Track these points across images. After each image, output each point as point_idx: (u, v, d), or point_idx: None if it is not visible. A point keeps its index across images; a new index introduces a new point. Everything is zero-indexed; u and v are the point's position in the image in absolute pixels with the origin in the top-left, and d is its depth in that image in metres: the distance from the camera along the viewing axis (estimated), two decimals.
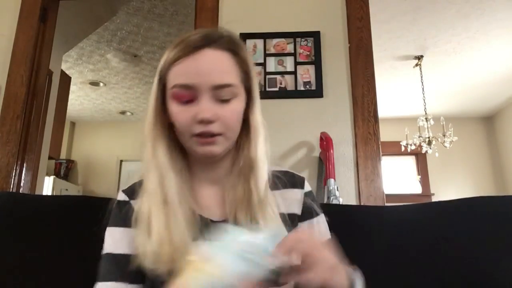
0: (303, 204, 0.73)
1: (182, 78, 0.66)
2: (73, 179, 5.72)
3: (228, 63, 0.67)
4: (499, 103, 5.16)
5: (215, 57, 0.66)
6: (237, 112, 0.68)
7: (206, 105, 0.65)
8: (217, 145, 0.67)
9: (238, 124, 0.69)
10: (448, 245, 0.86)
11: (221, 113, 0.65)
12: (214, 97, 0.66)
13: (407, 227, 0.91)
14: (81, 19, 3.06)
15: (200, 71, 0.65)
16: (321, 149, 1.70)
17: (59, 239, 0.98)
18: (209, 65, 0.66)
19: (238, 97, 0.68)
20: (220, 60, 0.67)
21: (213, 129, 0.65)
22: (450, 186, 5.29)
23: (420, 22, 3.39)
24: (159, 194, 0.67)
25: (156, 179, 0.68)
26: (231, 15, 1.96)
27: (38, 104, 2.05)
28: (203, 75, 0.65)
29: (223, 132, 0.66)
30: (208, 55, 0.66)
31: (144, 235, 0.65)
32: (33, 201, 1.10)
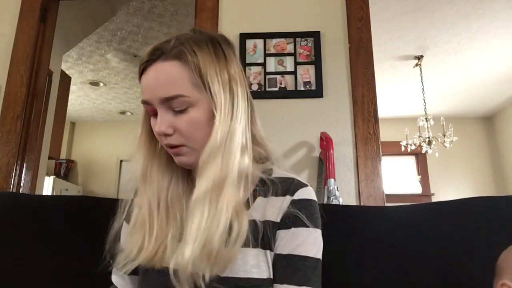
0: (285, 211, 0.67)
1: (142, 94, 0.68)
2: (73, 179, 5.73)
3: (176, 73, 0.65)
4: (499, 103, 5.16)
5: (162, 69, 0.65)
6: (195, 121, 0.65)
7: (160, 119, 0.66)
8: (185, 156, 0.68)
9: (201, 133, 0.66)
10: (448, 245, 0.86)
11: (177, 124, 0.66)
12: (169, 109, 0.66)
13: (407, 227, 0.91)
14: (81, 19, 3.06)
15: (148, 87, 0.66)
16: (321, 149, 1.70)
17: (59, 239, 0.98)
18: (155, 79, 0.66)
19: (195, 105, 0.65)
20: (166, 72, 0.65)
21: (172, 141, 0.66)
22: (450, 186, 5.29)
23: (420, 22, 3.39)
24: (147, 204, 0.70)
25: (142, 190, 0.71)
26: (231, 15, 1.96)
27: (38, 104, 2.05)
28: (150, 90, 0.66)
29: (183, 143, 0.66)
30: (154, 70, 0.66)
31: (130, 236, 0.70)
32: (33, 201, 1.10)
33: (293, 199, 0.68)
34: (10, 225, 0.99)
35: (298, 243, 0.66)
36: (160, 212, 0.69)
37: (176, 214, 0.69)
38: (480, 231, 0.86)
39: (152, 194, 0.69)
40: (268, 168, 0.74)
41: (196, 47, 0.66)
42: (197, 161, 0.66)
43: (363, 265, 0.88)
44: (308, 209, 0.68)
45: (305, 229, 0.67)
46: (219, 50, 0.69)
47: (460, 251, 0.84)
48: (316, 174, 1.74)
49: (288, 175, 0.72)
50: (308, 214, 0.67)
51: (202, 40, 0.68)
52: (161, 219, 0.68)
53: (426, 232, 0.89)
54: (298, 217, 0.66)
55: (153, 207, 0.69)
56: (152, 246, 0.66)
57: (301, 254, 0.65)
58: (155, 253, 0.66)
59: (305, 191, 0.69)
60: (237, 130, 0.66)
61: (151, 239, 0.67)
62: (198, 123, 0.66)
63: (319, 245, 0.68)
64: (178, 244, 0.65)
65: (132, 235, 0.69)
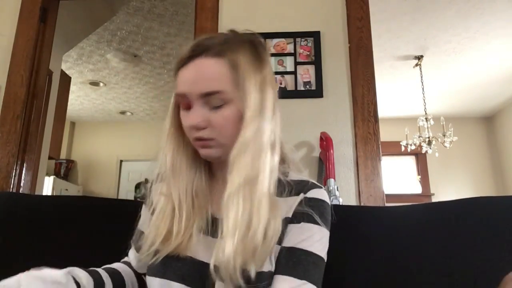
0: (297, 207, 0.69)
1: (179, 87, 0.70)
2: (73, 179, 5.73)
3: (218, 70, 0.68)
4: (499, 103, 5.16)
5: (206, 65, 0.68)
6: (228, 118, 0.68)
7: (196, 112, 0.68)
8: (212, 149, 0.70)
9: (231, 130, 0.68)
10: (448, 245, 0.86)
11: (212, 119, 0.68)
12: (206, 104, 0.68)
13: (407, 227, 0.91)
14: (81, 19, 3.06)
15: (189, 80, 0.68)
16: (321, 149, 1.70)
17: (59, 239, 0.98)
18: (196, 74, 0.68)
19: (231, 103, 0.68)
20: (210, 68, 0.68)
21: (203, 134, 0.69)
22: (450, 186, 5.29)
23: (420, 22, 3.39)
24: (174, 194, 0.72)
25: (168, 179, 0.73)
26: (231, 15, 1.96)
27: (38, 104, 2.05)
28: (191, 84, 0.68)
29: (214, 138, 0.69)
30: (196, 64, 0.68)
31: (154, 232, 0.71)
32: (33, 201, 1.11)
33: (305, 197, 0.70)
34: (10, 225, 0.99)
35: (304, 237, 0.67)
36: (187, 203, 0.72)
37: (201, 205, 0.73)
38: (480, 231, 0.86)
39: (181, 185, 0.72)
40: (286, 171, 0.76)
41: (238, 47, 0.70)
42: (222, 156, 0.70)
43: (363, 265, 0.88)
44: (319, 208, 0.70)
45: (314, 226, 0.68)
46: (257, 52, 0.72)
47: (460, 251, 0.84)
48: (316, 174, 1.74)
49: (304, 178, 0.74)
50: (319, 213, 0.69)
51: (243, 42, 0.72)
52: (188, 209, 0.71)
53: (426, 232, 0.89)
54: (308, 213, 0.68)
55: (182, 197, 0.72)
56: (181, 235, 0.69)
57: (305, 248, 0.66)
58: (181, 242, 0.69)
59: (319, 191, 0.72)
60: (266, 128, 0.69)
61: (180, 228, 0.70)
62: (230, 120, 0.68)
63: (325, 244, 0.69)
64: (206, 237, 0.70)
65: (159, 223, 0.71)
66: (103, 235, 0.86)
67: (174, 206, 0.71)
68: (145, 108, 5.52)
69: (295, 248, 0.66)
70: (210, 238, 0.70)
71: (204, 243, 0.70)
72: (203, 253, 0.69)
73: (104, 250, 0.81)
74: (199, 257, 0.69)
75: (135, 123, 6.05)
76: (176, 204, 0.71)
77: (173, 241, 0.69)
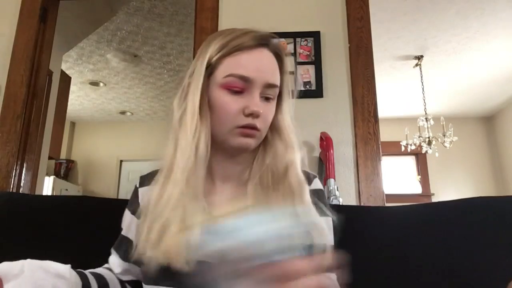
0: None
1: (241, 69, 0.68)
2: (73, 179, 5.73)
3: (276, 66, 0.73)
4: (499, 103, 5.16)
5: (270, 57, 0.72)
6: (272, 112, 0.73)
7: (257, 100, 0.69)
8: (254, 139, 0.70)
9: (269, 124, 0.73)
10: (448, 245, 0.86)
11: (264, 110, 0.70)
12: (261, 94, 0.70)
13: (407, 227, 0.91)
14: (81, 19, 3.06)
15: (259, 67, 0.69)
16: (321, 149, 1.70)
17: (59, 239, 0.98)
18: (266, 64, 0.71)
19: (275, 99, 0.73)
20: (273, 61, 0.72)
21: (257, 123, 0.69)
22: (450, 186, 5.29)
23: (420, 22, 3.39)
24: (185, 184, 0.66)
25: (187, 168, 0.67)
26: (231, 15, 1.96)
27: (38, 104, 2.05)
28: (260, 72, 0.69)
29: (262, 129, 0.70)
30: (265, 54, 0.71)
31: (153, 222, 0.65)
32: (33, 201, 1.11)
33: (311, 189, 0.75)
34: (10, 225, 0.99)
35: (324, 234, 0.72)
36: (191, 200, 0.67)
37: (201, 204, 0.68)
38: (480, 231, 0.86)
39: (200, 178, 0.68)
40: None
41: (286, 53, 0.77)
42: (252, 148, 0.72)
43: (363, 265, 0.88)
44: (324, 199, 0.77)
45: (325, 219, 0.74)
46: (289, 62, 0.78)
47: (460, 251, 0.84)
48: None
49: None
50: (326, 204, 0.75)
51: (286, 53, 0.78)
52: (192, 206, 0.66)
53: (426, 232, 0.89)
54: (319, 206, 0.72)
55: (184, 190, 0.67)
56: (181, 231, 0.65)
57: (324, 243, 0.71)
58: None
59: (317, 181, 0.79)
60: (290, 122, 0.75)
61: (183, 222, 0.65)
62: (272, 115, 0.73)
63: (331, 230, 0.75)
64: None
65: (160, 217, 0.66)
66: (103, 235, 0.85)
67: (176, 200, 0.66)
68: (145, 108, 5.52)
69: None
70: None
71: None
72: None
73: (104, 250, 0.81)
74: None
75: (135, 123, 6.05)
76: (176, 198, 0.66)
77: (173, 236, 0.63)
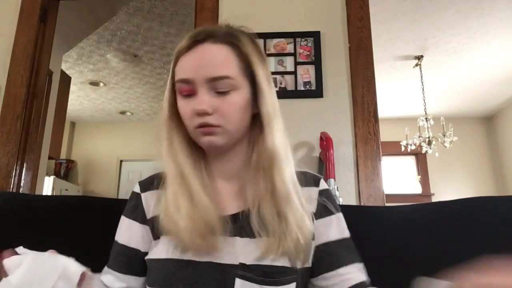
0: (318, 202, 0.74)
1: (181, 73, 0.68)
2: (73, 179, 5.73)
3: (225, 55, 0.68)
4: (499, 103, 5.16)
5: (211, 50, 0.68)
6: (237, 104, 0.68)
7: (203, 98, 0.66)
8: (217, 136, 0.68)
9: (239, 117, 0.68)
10: (448, 246, 0.86)
11: (219, 105, 0.67)
12: (212, 90, 0.67)
13: (407, 227, 0.91)
14: (81, 19, 3.06)
15: (196, 65, 0.67)
16: (321, 149, 1.70)
17: (59, 239, 0.98)
18: (205, 59, 0.67)
19: (238, 89, 0.68)
20: (216, 53, 0.68)
21: (211, 120, 0.66)
22: (450, 186, 5.29)
23: (420, 22, 3.39)
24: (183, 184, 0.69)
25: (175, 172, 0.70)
26: (231, 15, 1.94)
27: (38, 104, 2.05)
28: (198, 69, 0.67)
29: (221, 124, 0.67)
30: (204, 49, 0.68)
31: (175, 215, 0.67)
32: (33, 201, 1.10)
33: (319, 190, 0.76)
34: (10, 225, 0.99)
35: (342, 226, 0.74)
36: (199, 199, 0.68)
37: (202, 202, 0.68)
38: (480, 231, 0.86)
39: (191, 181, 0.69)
40: None
41: (246, 38, 0.71)
42: (226, 145, 0.69)
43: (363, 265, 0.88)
44: (332, 197, 0.77)
45: (339, 214, 0.76)
46: (259, 47, 0.74)
47: (460, 251, 0.84)
48: None
49: (303, 170, 0.78)
50: (334, 201, 0.76)
51: (248, 35, 0.73)
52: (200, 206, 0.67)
53: (426, 232, 0.89)
54: (332, 205, 0.75)
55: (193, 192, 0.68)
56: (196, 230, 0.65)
57: (347, 236, 0.74)
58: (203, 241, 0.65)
59: (323, 182, 0.78)
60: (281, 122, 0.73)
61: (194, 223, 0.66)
62: (239, 107, 0.68)
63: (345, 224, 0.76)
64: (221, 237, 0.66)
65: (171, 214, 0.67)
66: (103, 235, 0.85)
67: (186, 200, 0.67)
68: (145, 108, 5.52)
69: (344, 238, 0.73)
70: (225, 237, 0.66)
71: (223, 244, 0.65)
72: (225, 254, 0.65)
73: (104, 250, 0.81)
74: (219, 259, 0.64)
75: (135, 123, 6.05)
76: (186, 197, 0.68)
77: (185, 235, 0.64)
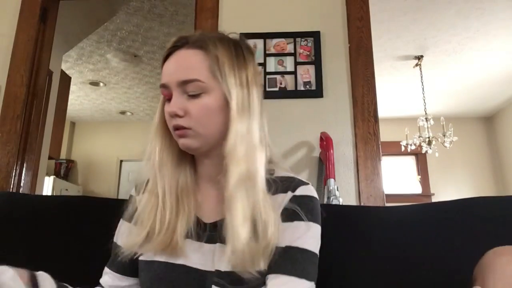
0: (285, 205, 0.69)
1: (162, 78, 0.72)
2: (73, 179, 5.72)
3: (195, 59, 0.70)
4: (499, 103, 5.16)
5: (184, 55, 0.71)
6: (207, 107, 0.69)
7: (174, 100, 0.69)
8: (190, 139, 0.70)
9: (210, 120, 0.69)
10: (448, 245, 0.86)
11: (189, 108, 0.69)
12: (184, 93, 0.70)
13: (407, 227, 0.91)
14: (81, 19, 3.06)
15: (171, 70, 0.71)
16: (321, 149, 1.70)
17: (59, 239, 0.98)
18: (178, 63, 0.71)
19: (209, 93, 0.69)
20: (188, 57, 0.70)
21: (181, 122, 0.69)
22: (450, 186, 5.29)
23: (420, 22, 3.39)
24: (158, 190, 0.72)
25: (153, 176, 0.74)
26: (231, 15, 1.96)
27: (38, 104, 2.05)
28: (170, 74, 0.71)
29: (191, 126, 0.69)
30: (179, 55, 0.71)
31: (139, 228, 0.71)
32: (33, 201, 1.10)
33: (294, 195, 0.70)
34: (10, 225, 0.99)
35: (298, 235, 0.67)
36: (171, 200, 0.71)
37: (186, 207, 0.72)
38: (480, 231, 0.86)
39: (166, 182, 0.72)
40: (271, 168, 0.76)
41: (219, 42, 0.72)
42: (201, 148, 0.71)
43: (363, 265, 0.88)
44: (308, 204, 0.70)
45: (305, 223, 0.68)
46: (239, 51, 0.74)
47: (460, 251, 0.84)
48: (316, 174, 1.74)
49: (289, 175, 0.74)
50: (309, 209, 0.69)
51: (225, 39, 0.74)
52: (171, 207, 0.71)
53: (426, 232, 0.89)
54: (297, 211, 0.68)
55: (167, 194, 0.71)
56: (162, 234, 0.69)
57: (300, 246, 0.66)
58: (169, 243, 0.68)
59: (306, 188, 0.72)
60: (255, 126, 0.71)
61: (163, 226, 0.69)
62: (209, 110, 0.69)
63: (318, 240, 0.69)
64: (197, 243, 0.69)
65: (142, 220, 0.72)
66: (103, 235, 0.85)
67: (157, 202, 0.71)
68: (145, 108, 5.52)
69: (290, 246, 0.66)
70: (203, 244, 0.70)
71: (197, 250, 0.69)
72: (198, 260, 0.68)
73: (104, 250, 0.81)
74: (193, 264, 0.68)
75: (135, 123, 6.04)
76: (160, 200, 0.71)
77: (155, 239, 0.69)
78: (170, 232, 0.69)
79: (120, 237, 0.78)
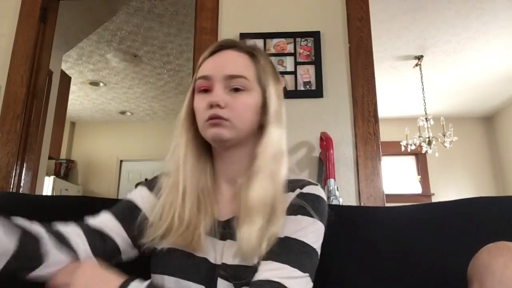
0: (292, 200, 0.71)
1: (202, 72, 0.76)
2: (73, 179, 5.72)
3: (244, 61, 0.76)
4: (499, 103, 5.16)
5: (233, 55, 0.76)
6: (247, 104, 0.73)
7: (217, 92, 0.73)
8: (225, 129, 0.72)
9: (247, 116, 0.73)
10: (448, 245, 0.86)
11: (230, 101, 0.72)
12: (227, 87, 0.73)
13: (407, 227, 0.91)
14: (81, 19, 3.06)
15: (216, 65, 0.75)
16: (321, 149, 1.70)
17: None
18: (226, 60, 0.76)
19: (250, 91, 0.74)
20: (236, 57, 0.76)
21: (220, 113, 0.71)
22: (450, 186, 5.29)
23: (420, 22, 3.39)
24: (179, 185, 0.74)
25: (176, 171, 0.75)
26: (231, 15, 1.96)
27: (38, 104, 2.05)
28: (218, 67, 0.75)
29: (230, 118, 0.71)
30: (226, 54, 0.77)
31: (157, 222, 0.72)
32: (33, 201, 1.10)
33: (301, 192, 0.72)
34: None
35: (298, 228, 0.68)
36: (192, 200, 0.73)
37: (207, 204, 0.74)
38: (480, 231, 0.86)
39: (188, 178, 0.74)
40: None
41: (264, 54, 0.80)
42: (231, 140, 0.73)
43: (363, 265, 0.88)
44: (314, 202, 0.71)
45: (309, 218, 0.69)
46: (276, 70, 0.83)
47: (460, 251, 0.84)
48: (316, 174, 1.74)
49: (301, 178, 0.77)
50: (314, 206, 0.70)
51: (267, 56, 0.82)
52: (192, 206, 0.72)
53: (426, 232, 0.89)
54: (303, 206, 0.70)
55: (187, 192, 0.73)
56: (183, 230, 0.70)
57: (299, 238, 0.67)
58: (191, 241, 0.70)
59: (315, 187, 0.74)
60: (283, 134, 0.77)
61: (182, 223, 0.71)
62: (248, 106, 0.74)
63: (320, 237, 0.70)
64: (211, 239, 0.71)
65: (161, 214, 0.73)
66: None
67: (177, 198, 0.72)
68: (145, 108, 5.52)
69: (289, 237, 0.67)
70: (215, 240, 0.72)
71: (212, 245, 0.72)
72: (212, 255, 0.71)
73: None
74: (210, 258, 0.71)
75: (135, 123, 6.04)
76: (179, 196, 0.72)
77: (173, 234, 0.70)
78: (191, 229, 0.70)
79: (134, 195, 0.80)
